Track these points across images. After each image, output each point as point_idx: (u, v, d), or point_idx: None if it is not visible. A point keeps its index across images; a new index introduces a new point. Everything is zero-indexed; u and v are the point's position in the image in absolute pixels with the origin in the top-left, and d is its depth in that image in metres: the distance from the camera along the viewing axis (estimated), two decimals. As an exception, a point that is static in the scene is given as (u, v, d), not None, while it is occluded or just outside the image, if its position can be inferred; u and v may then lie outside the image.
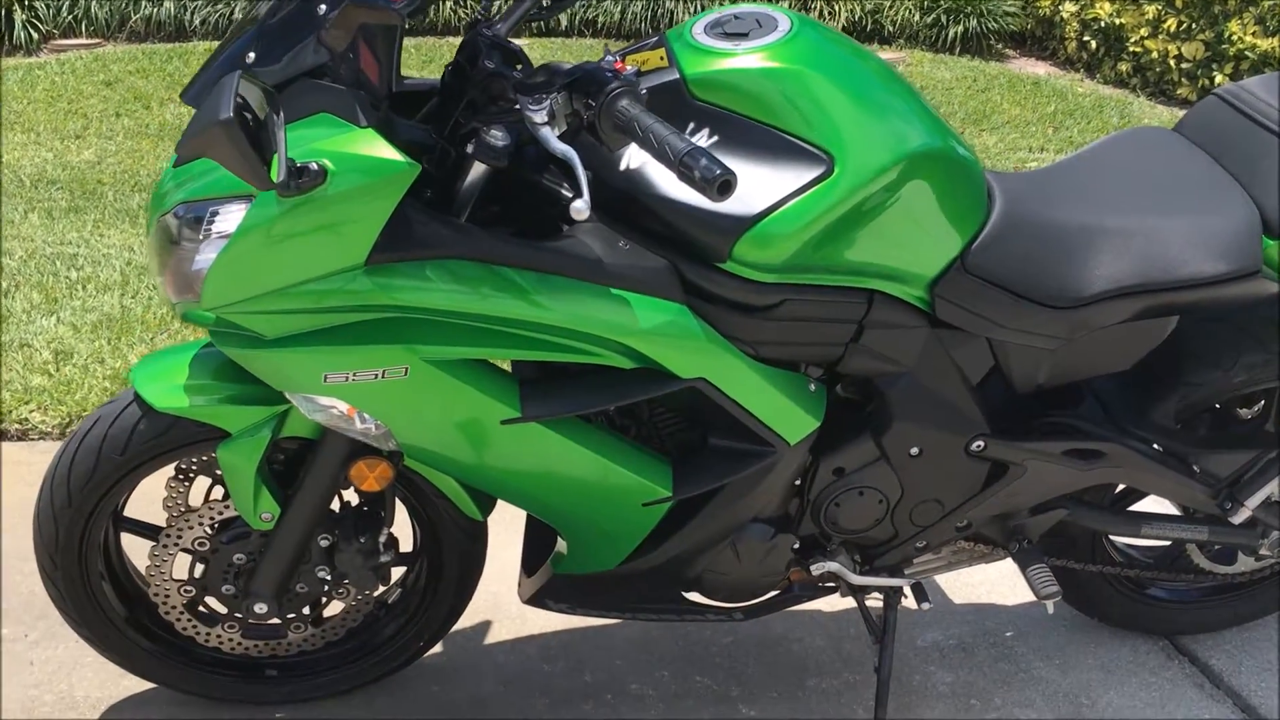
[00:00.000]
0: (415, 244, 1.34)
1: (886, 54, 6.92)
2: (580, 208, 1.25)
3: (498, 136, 1.35)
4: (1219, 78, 6.25)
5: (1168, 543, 2.04)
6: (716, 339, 1.47)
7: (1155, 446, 1.78)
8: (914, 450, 1.68)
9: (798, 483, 1.69)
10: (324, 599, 1.79)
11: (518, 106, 1.31)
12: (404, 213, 1.33)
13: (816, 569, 1.77)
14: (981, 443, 1.69)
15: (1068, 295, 1.58)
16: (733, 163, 1.41)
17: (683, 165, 1.18)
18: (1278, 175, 1.61)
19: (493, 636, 2.11)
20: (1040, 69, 7.10)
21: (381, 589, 1.77)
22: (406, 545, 1.84)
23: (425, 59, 5.90)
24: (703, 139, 1.43)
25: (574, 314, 1.40)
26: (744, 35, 1.45)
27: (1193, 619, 2.11)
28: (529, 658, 2.06)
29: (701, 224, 1.42)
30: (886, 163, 1.43)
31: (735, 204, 1.41)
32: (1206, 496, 1.80)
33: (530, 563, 1.81)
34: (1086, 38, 6.93)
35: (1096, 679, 2.05)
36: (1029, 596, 2.18)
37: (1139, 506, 1.96)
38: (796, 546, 1.73)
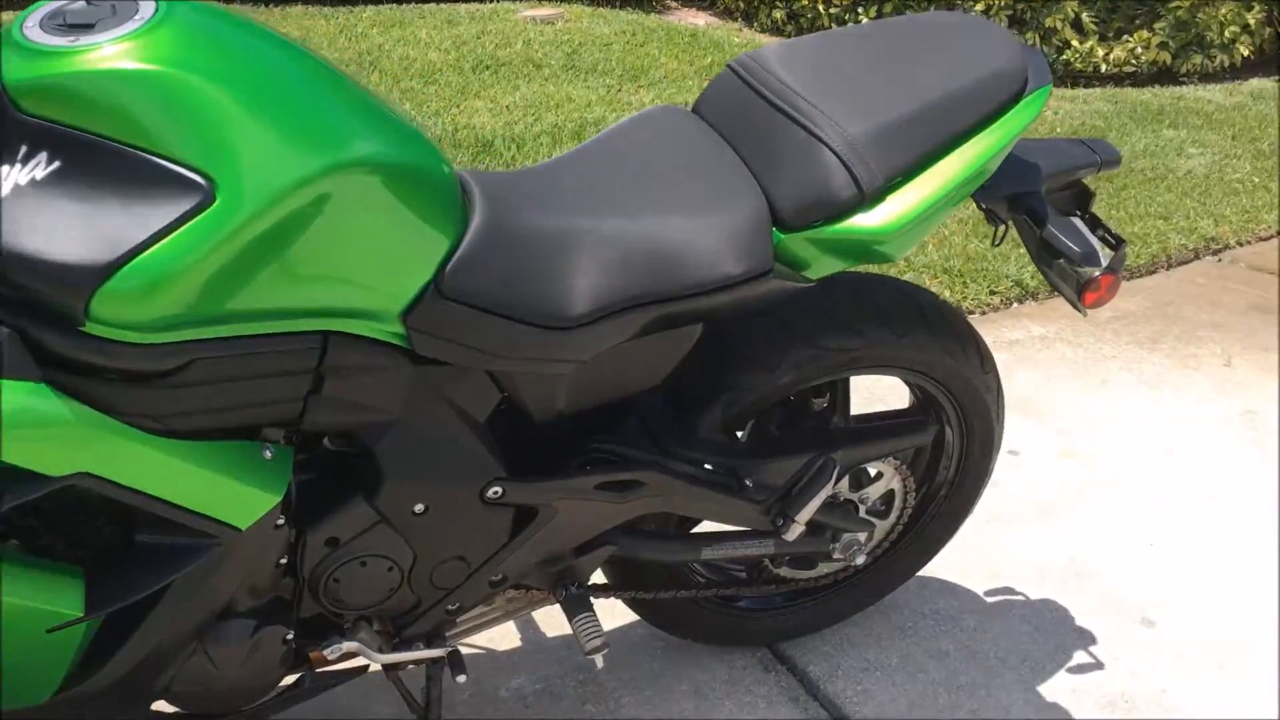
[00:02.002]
0: None
1: (543, 10, 6.66)
2: None
3: None
4: (864, 19, 6.35)
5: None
6: (97, 421, 1.14)
7: (703, 465, 1.60)
8: (418, 507, 1.42)
9: (284, 561, 1.40)
10: None
11: None
12: None
13: (332, 652, 1.49)
14: (499, 489, 1.45)
15: (565, 314, 1.34)
16: (80, 196, 1.08)
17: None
18: (785, 159, 1.43)
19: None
20: (700, 19, 7.04)
21: None
22: None
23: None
24: (39, 167, 1.09)
25: None
26: (90, 27, 1.12)
27: (788, 624, 1.98)
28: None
29: (45, 278, 1.08)
30: (293, 181, 1.14)
31: (85, 250, 1.08)
32: (759, 514, 1.63)
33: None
34: (741, -14, 6.90)
35: (689, 707, 1.88)
36: (624, 619, 2.00)
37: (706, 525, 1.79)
38: (290, 636, 1.44)
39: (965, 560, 2.23)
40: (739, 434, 1.77)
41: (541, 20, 6.48)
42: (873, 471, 1.80)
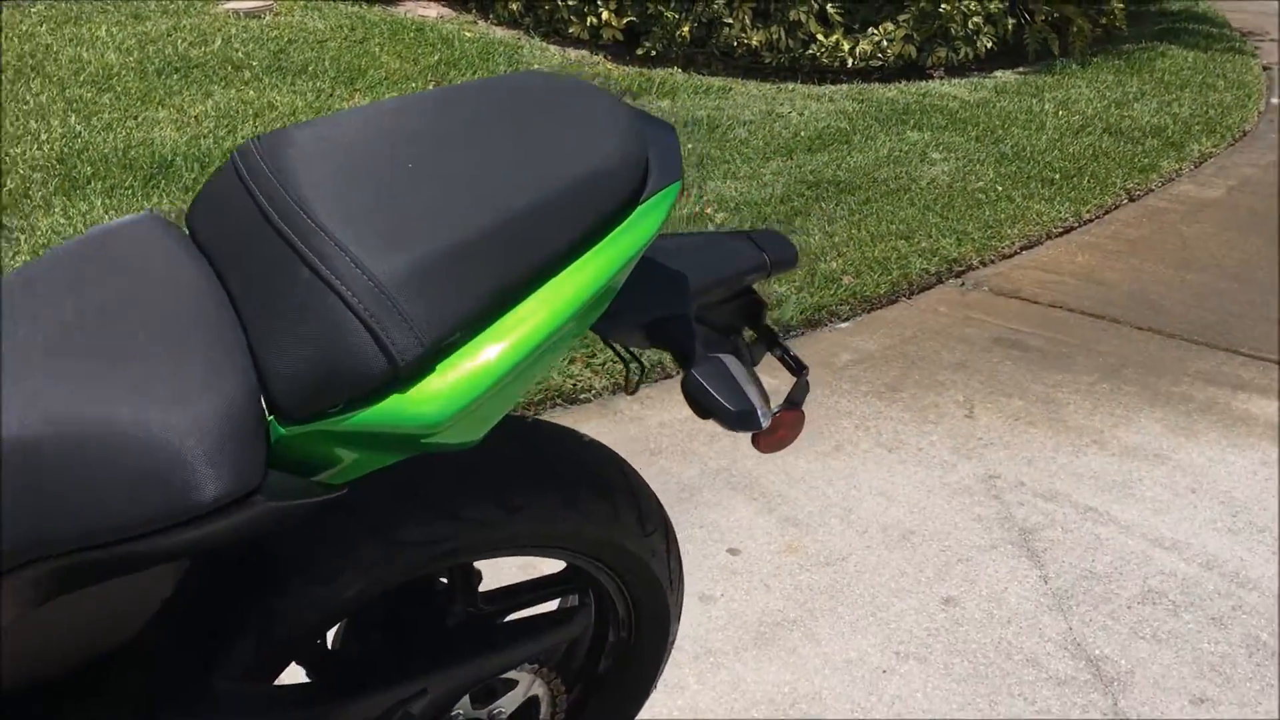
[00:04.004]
0: None
1: (250, 2, 5.96)
2: None
3: None
4: (605, 13, 5.93)
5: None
6: None
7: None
8: None
9: None
10: None
11: None
12: None
13: None
14: None
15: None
16: None
17: None
18: (283, 312, 0.95)
19: None
20: (431, 11, 6.47)
21: None
22: None
23: None
24: None
25: None
26: None
27: None
28: None
29: None
30: None
31: None
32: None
33: None
34: (474, -26, 6.38)
35: None
36: None
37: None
38: None
39: (670, 710, 1.83)
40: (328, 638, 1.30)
41: (247, 14, 5.79)
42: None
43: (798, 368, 1.29)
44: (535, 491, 1.23)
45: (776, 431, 1.25)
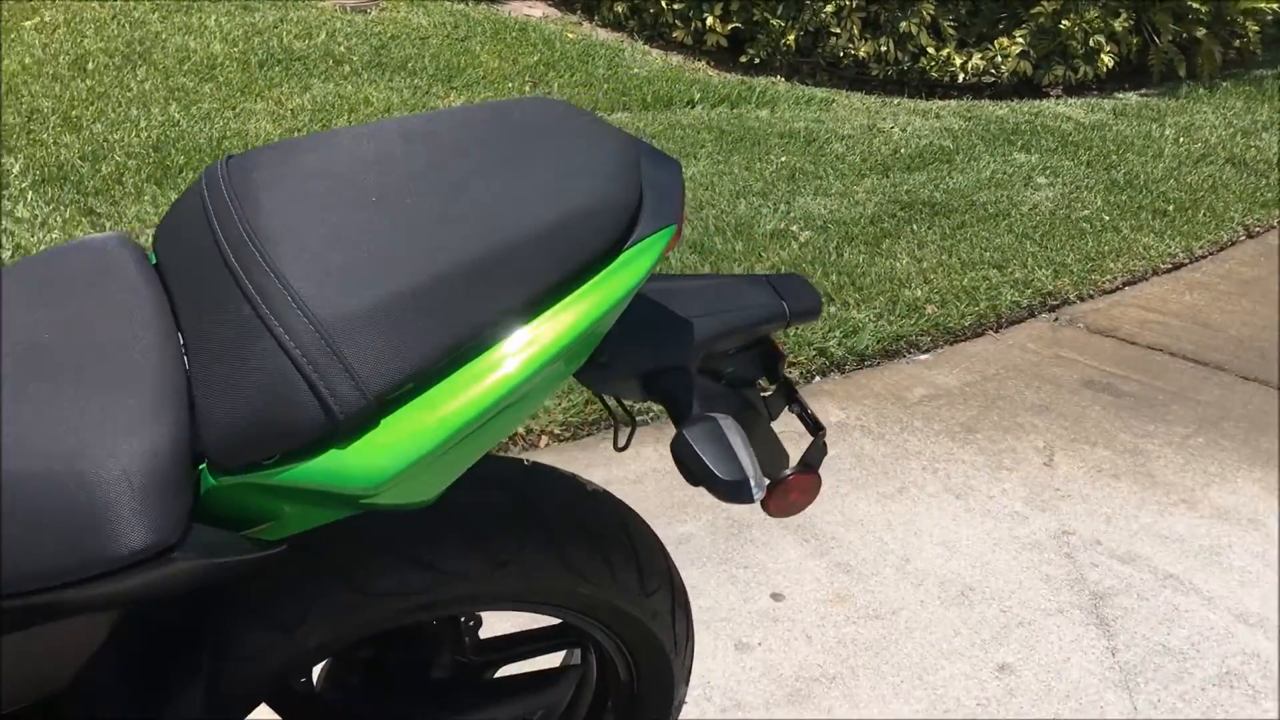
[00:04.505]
0: None
1: (357, -4, 6.00)
2: None
3: None
4: (710, 19, 5.83)
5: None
6: None
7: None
8: None
9: None
10: None
11: None
12: None
13: None
14: None
15: None
16: None
17: None
18: (221, 354, 0.87)
19: None
20: (537, 10, 6.44)
21: None
22: None
23: None
24: None
25: None
26: None
27: None
28: None
29: None
30: None
31: None
32: None
33: None
34: (581, -25, 6.33)
35: None
36: None
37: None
38: None
39: (688, 767, 1.72)
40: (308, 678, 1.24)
41: (353, 8, 5.83)
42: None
43: (815, 427, 1.18)
44: (522, 542, 1.14)
45: (788, 495, 1.15)
